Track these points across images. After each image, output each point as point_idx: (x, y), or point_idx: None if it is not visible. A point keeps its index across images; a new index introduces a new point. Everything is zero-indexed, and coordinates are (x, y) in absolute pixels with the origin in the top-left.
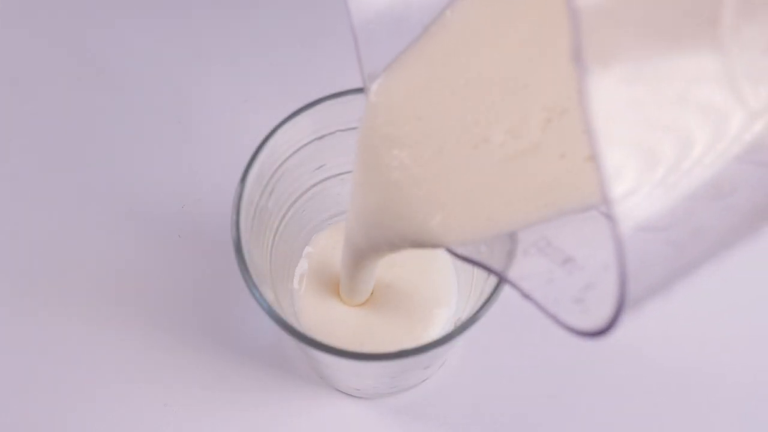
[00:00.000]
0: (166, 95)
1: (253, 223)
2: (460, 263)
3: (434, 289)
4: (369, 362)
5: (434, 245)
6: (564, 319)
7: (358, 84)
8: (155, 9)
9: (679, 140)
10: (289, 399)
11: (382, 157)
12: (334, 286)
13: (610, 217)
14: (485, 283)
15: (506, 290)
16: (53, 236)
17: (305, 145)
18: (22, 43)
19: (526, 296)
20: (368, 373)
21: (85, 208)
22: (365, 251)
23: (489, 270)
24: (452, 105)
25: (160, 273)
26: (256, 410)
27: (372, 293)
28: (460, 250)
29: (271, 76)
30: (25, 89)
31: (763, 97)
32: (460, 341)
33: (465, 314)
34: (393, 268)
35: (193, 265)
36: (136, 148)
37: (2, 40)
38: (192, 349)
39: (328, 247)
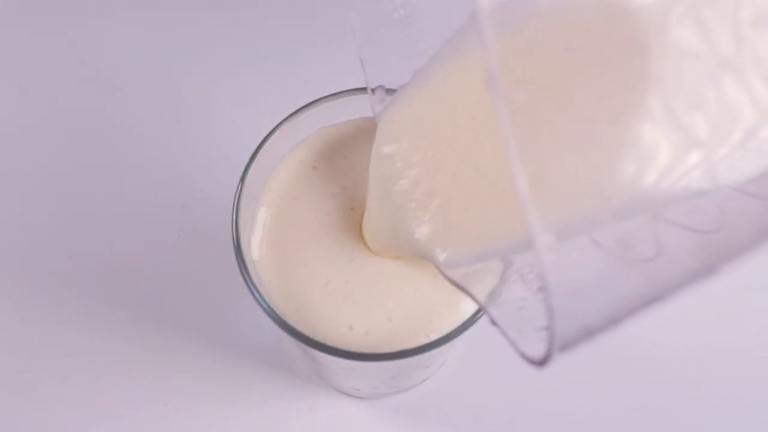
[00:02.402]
0: (166, 95)
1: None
2: None
3: None
4: (369, 362)
5: (428, 259)
6: (520, 347)
7: (357, 84)
8: (155, 10)
9: (600, 167)
10: (289, 399)
11: (387, 182)
12: (305, 243)
13: (530, 243)
14: None
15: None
16: (53, 236)
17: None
18: (22, 43)
19: (493, 323)
20: (368, 373)
21: (85, 208)
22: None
23: (468, 294)
24: (450, 141)
25: (160, 273)
26: (256, 410)
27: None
28: (450, 273)
29: (271, 76)
30: (25, 90)
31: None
32: (460, 341)
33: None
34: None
35: (193, 265)
36: (136, 149)
37: (2, 40)
38: (192, 349)
39: (289, 196)
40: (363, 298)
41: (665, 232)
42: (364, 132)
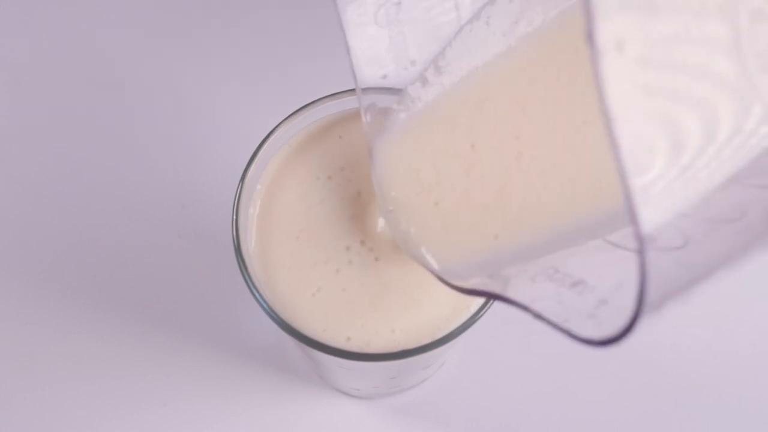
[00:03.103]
0: (166, 95)
1: None
2: None
3: None
4: (369, 362)
5: (431, 270)
6: (578, 333)
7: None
8: (156, 10)
9: (703, 119)
10: (289, 399)
11: (386, 201)
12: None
13: (628, 199)
14: None
15: None
16: (52, 236)
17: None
18: (24, 43)
19: (538, 316)
20: (368, 373)
21: (85, 208)
22: None
23: (496, 297)
24: (448, 157)
25: (160, 273)
26: (256, 410)
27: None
28: (466, 284)
29: (271, 76)
30: (26, 90)
31: None
32: (460, 341)
33: None
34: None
35: (193, 265)
36: (137, 148)
37: (4, 40)
38: (192, 349)
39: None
40: (364, 309)
41: (686, 225)
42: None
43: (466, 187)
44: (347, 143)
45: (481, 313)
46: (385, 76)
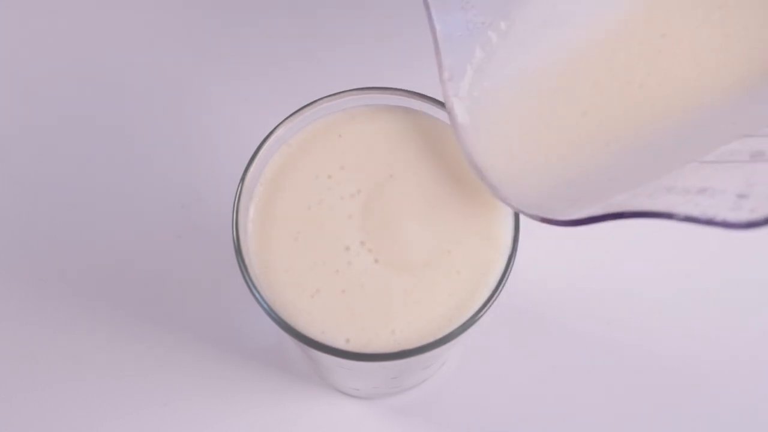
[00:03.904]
0: (166, 95)
1: None
2: None
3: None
4: (368, 362)
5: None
6: (735, 221)
7: (357, 84)
8: (156, 10)
9: None
10: (289, 399)
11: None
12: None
13: None
14: None
15: (506, 291)
16: (52, 236)
17: None
18: (23, 42)
19: (686, 218)
20: (368, 373)
21: (85, 208)
22: None
23: (625, 215)
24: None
25: (160, 273)
26: (256, 410)
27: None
28: (581, 215)
29: (271, 76)
30: (26, 89)
31: None
32: (460, 341)
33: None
34: None
35: (193, 265)
36: (137, 148)
37: (4, 40)
38: (192, 349)
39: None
40: (363, 311)
41: None
42: (361, 112)
43: (627, 79)
44: (347, 142)
45: (482, 313)
46: (460, 36)
